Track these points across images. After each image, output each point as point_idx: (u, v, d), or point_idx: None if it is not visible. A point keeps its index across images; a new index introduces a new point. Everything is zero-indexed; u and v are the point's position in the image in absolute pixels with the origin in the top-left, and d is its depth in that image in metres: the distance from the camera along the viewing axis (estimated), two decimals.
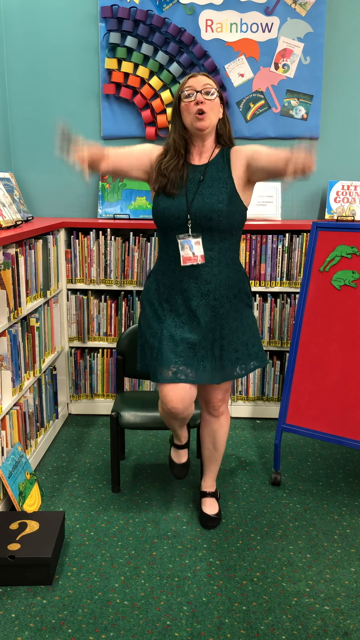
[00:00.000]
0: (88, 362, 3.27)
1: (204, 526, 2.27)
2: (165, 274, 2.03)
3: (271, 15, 3.16)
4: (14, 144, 3.39)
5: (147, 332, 2.07)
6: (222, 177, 1.96)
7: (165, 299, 2.03)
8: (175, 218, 1.94)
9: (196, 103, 1.89)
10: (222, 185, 1.95)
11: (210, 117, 1.91)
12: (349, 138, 3.33)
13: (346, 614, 1.84)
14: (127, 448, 2.96)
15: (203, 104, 1.88)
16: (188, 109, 1.91)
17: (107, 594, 1.91)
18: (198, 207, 1.93)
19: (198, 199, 1.93)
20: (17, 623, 1.79)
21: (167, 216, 1.95)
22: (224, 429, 2.26)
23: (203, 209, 1.92)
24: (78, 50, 3.26)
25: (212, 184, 1.95)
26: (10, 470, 2.28)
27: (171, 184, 1.95)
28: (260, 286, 3.16)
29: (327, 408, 2.47)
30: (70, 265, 3.17)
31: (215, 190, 1.94)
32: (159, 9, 3.17)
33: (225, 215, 1.93)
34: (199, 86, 1.90)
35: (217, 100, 1.93)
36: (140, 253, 3.14)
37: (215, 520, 2.29)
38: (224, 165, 1.98)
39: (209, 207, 1.92)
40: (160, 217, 1.98)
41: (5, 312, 2.27)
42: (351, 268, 2.46)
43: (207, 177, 1.96)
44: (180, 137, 1.97)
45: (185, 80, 1.94)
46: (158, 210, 1.98)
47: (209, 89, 1.90)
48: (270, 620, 1.81)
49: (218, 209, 1.92)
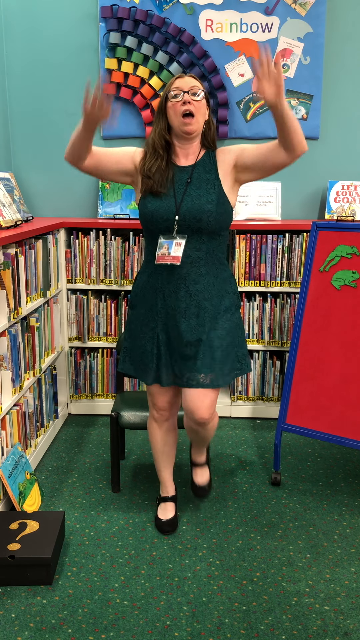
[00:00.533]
0: (88, 362, 3.27)
1: (195, 495, 2.31)
2: (152, 276, 2.02)
3: (271, 15, 3.16)
4: (14, 144, 3.39)
5: (141, 336, 2.06)
6: (209, 178, 1.96)
7: (155, 302, 2.02)
8: (164, 220, 1.94)
9: (183, 103, 1.89)
10: (210, 186, 1.95)
11: (197, 120, 1.91)
12: (349, 138, 3.33)
13: (346, 614, 1.84)
14: (127, 448, 2.96)
15: (190, 104, 1.88)
16: (175, 110, 1.91)
17: (107, 594, 1.91)
18: (187, 209, 1.92)
19: (187, 200, 1.93)
20: (17, 623, 1.79)
21: (156, 218, 1.94)
22: (210, 432, 2.12)
23: (192, 210, 1.92)
24: (78, 50, 3.26)
25: (200, 185, 1.95)
26: (10, 470, 2.28)
27: (157, 184, 1.94)
28: (260, 286, 3.16)
29: (327, 408, 2.47)
30: (70, 265, 3.17)
31: (203, 192, 1.94)
32: (159, 9, 3.17)
33: (214, 216, 1.93)
34: (186, 87, 1.90)
35: (204, 102, 1.94)
36: (140, 253, 3.14)
37: (205, 490, 2.30)
38: (210, 167, 1.98)
39: (198, 208, 1.92)
40: (148, 220, 1.97)
41: (5, 312, 2.27)
42: (351, 268, 2.46)
43: (195, 178, 1.96)
44: (160, 137, 1.95)
45: (172, 81, 1.94)
46: (146, 213, 1.96)
47: (196, 90, 1.90)
48: (270, 620, 1.81)
49: (207, 209, 1.92)
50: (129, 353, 2.14)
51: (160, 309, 2.01)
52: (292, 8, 3.15)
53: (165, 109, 1.95)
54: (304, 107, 3.27)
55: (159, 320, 2.02)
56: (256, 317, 3.19)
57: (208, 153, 2.01)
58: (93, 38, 3.25)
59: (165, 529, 2.24)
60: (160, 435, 2.22)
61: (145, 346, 2.05)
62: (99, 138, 3.35)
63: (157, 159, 1.95)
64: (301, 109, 3.27)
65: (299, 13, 3.16)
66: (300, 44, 3.19)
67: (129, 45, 3.18)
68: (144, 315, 2.06)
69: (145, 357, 2.06)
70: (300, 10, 3.15)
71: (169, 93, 1.92)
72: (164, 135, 1.96)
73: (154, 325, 2.03)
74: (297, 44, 3.20)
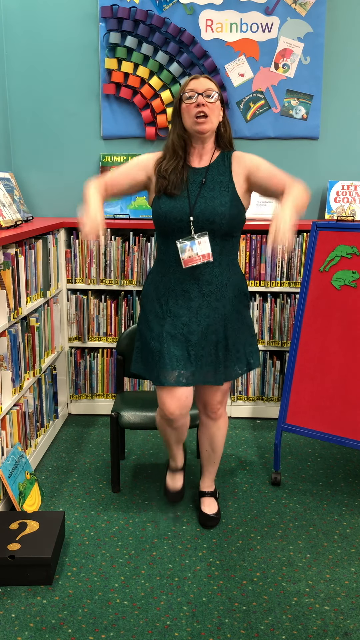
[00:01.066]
0: (88, 362, 3.27)
1: (203, 526, 2.27)
2: (165, 276, 2.03)
3: (271, 15, 3.16)
4: (14, 144, 3.39)
5: (148, 335, 2.06)
6: (223, 180, 1.97)
7: (166, 301, 2.02)
8: (178, 221, 1.94)
9: (197, 105, 1.89)
10: (223, 189, 1.96)
11: (211, 120, 1.91)
12: (349, 138, 3.33)
13: (346, 614, 1.84)
14: (127, 448, 2.96)
15: (205, 106, 1.89)
16: (189, 111, 1.91)
17: (107, 594, 1.91)
18: (201, 210, 1.93)
19: (200, 201, 1.93)
20: (17, 623, 1.79)
21: (170, 219, 1.95)
22: (221, 432, 2.26)
23: (206, 212, 1.93)
24: (78, 50, 3.26)
25: (214, 187, 1.95)
26: (10, 470, 2.28)
27: (172, 185, 1.95)
28: (260, 286, 3.16)
29: (327, 408, 2.47)
30: (70, 265, 3.17)
31: (217, 193, 1.94)
32: (159, 9, 3.17)
33: (227, 218, 1.94)
34: (200, 89, 1.90)
35: (218, 103, 1.94)
36: (140, 253, 3.14)
37: (215, 520, 2.29)
38: (225, 169, 1.99)
39: (211, 210, 1.92)
40: (162, 220, 1.97)
41: (5, 312, 2.27)
42: (351, 268, 2.46)
43: (209, 180, 1.96)
44: (179, 138, 1.96)
45: (187, 81, 1.94)
46: (160, 213, 1.97)
47: (211, 92, 1.90)
48: (270, 620, 1.81)
49: (221, 212, 1.93)
50: (140, 353, 2.13)
51: (171, 308, 2.01)
52: (292, 8, 3.15)
53: (180, 111, 1.95)
54: (304, 107, 3.27)
55: (169, 321, 2.01)
56: (256, 317, 3.19)
57: (223, 155, 2.01)
58: (93, 38, 3.25)
59: (173, 499, 2.30)
60: (169, 430, 2.16)
61: (155, 346, 2.04)
62: (99, 138, 3.35)
63: (175, 160, 1.96)
64: (301, 109, 3.27)
65: (299, 13, 3.16)
66: (300, 44, 3.19)
67: (129, 45, 3.18)
68: (155, 315, 2.05)
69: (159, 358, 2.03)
70: (300, 10, 3.15)
71: (183, 94, 1.92)
72: (182, 136, 1.96)
73: (164, 324, 2.02)
74: (297, 44, 3.19)
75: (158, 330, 2.03)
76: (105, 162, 3.34)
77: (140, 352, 2.13)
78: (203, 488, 2.38)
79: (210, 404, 2.19)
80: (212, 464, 2.34)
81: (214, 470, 2.36)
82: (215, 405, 2.18)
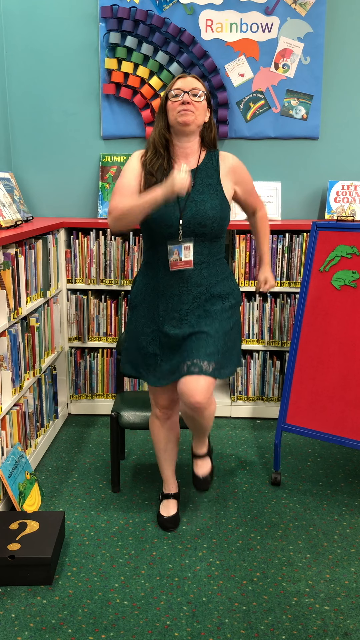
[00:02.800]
0: (88, 362, 3.27)
1: (196, 488, 2.20)
2: (154, 279, 2.03)
3: (271, 15, 3.16)
4: (14, 144, 3.39)
5: (142, 339, 2.07)
6: (211, 183, 1.97)
7: (156, 304, 2.03)
8: (168, 227, 1.93)
9: (182, 103, 1.89)
10: (212, 192, 1.96)
11: (195, 115, 1.90)
12: (349, 138, 3.33)
13: (346, 614, 1.84)
14: (127, 448, 2.96)
15: (190, 104, 1.89)
16: (174, 108, 1.91)
17: (107, 594, 1.91)
18: (192, 215, 1.92)
19: (190, 205, 1.93)
20: (17, 623, 1.79)
21: (160, 225, 1.93)
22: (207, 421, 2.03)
23: (197, 216, 1.92)
24: (78, 50, 3.26)
25: (203, 190, 1.95)
26: (10, 470, 2.28)
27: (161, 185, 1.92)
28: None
29: (327, 408, 2.47)
30: (70, 265, 3.17)
31: (206, 197, 1.94)
32: (159, 9, 3.17)
33: (218, 221, 1.94)
34: (187, 88, 1.90)
35: (204, 103, 1.94)
36: (140, 253, 3.14)
37: (207, 482, 2.19)
38: (213, 171, 1.99)
39: (202, 214, 1.92)
40: (152, 225, 1.95)
41: (5, 312, 2.27)
42: (351, 268, 2.46)
43: (197, 183, 1.96)
44: (161, 136, 1.96)
45: (174, 80, 1.94)
46: (149, 219, 1.94)
47: (197, 92, 1.91)
48: (270, 620, 1.81)
49: (212, 215, 1.93)
50: (128, 354, 2.15)
51: (161, 311, 2.02)
52: (292, 8, 3.15)
53: (166, 108, 1.95)
54: (304, 107, 3.27)
55: (160, 323, 2.02)
56: (256, 317, 3.19)
57: (209, 155, 2.01)
58: (93, 38, 3.25)
59: (167, 526, 2.25)
60: (162, 433, 2.23)
61: (146, 348, 2.06)
62: (99, 138, 3.35)
63: (158, 158, 1.95)
64: (301, 109, 3.27)
65: (299, 13, 3.16)
66: (300, 44, 3.19)
67: (129, 45, 3.18)
68: (144, 317, 2.06)
69: (147, 359, 2.07)
70: (300, 10, 3.15)
71: (169, 92, 1.93)
72: (164, 134, 1.96)
73: (155, 327, 2.04)
74: (297, 44, 3.19)
75: (147, 331, 2.05)
76: (105, 162, 3.34)
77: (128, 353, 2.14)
78: (194, 450, 2.19)
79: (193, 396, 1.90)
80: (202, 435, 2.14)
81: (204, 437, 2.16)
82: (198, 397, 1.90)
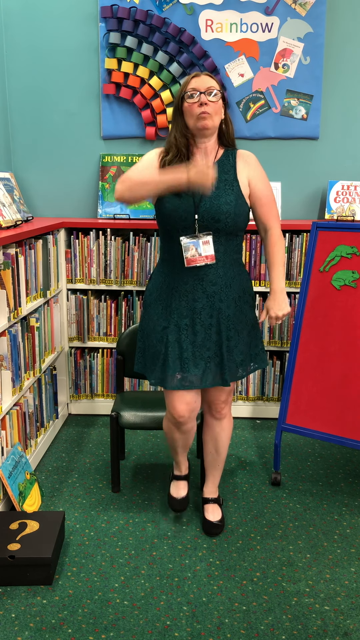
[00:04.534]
0: (88, 362, 3.27)
1: (207, 533, 2.22)
2: (169, 276, 2.01)
3: (271, 15, 3.16)
4: (14, 144, 3.39)
5: (153, 336, 2.04)
6: (227, 179, 1.96)
7: (169, 301, 2.01)
8: (183, 219, 1.92)
9: (200, 104, 1.87)
10: (228, 187, 1.95)
11: (213, 118, 1.90)
12: (349, 138, 3.33)
13: (346, 614, 1.84)
14: (127, 448, 2.96)
15: (207, 105, 1.87)
16: (191, 110, 1.89)
17: (107, 594, 1.91)
18: (206, 209, 1.91)
19: (205, 200, 1.92)
20: (17, 623, 1.79)
21: (174, 218, 1.93)
22: (226, 432, 2.22)
23: (211, 210, 1.91)
24: (78, 50, 3.26)
25: (219, 185, 1.94)
26: (10, 470, 2.28)
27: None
28: (260, 286, 3.16)
29: (327, 408, 2.47)
30: (70, 265, 3.17)
31: (222, 192, 1.93)
32: (159, 9, 3.17)
33: (232, 216, 1.93)
34: (202, 87, 1.88)
35: (220, 102, 1.92)
36: (140, 253, 3.14)
37: (219, 527, 2.23)
38: (229, 167, 1.98)
39: (216, 209, 1.91)
40: (166, 219, 1.95)
41: (5, 312, 2.27)
42: (351, 268, 2.46)
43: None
44: (182, 136, 1.94)
45: (188, 80, 1.92)
46: (164, 212, 1.95)
47: (212, 90, 1.89)
48: (270, 620, 1.81)
49: (226, 210, 1.91)
50: (142, 354, 2.12)
51: (174, 309, 1.99)
52: (292, 8, 3.15)
53: (181, 109, 1.93)
54: (304, 107, 3.27)
55: (172, 321, 2.00)
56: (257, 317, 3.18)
57: (227, 153, 2.00)
58: (93, 38, 3.25)
59: (177, 507, 2.27)
60: (177, 435, 2.18)
61: (160, 349, 2.02)
62: (99, 138, 3.35)
63: (179, 157, 1.94)
64: (301, 109, 3.27)
65: (299, 13, 3.16)
66: (300, 44, 3.19)
67: (129, 45, 3.18)
68: (158, 315, 2.04)
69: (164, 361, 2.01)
70: (300, 10, 3.15)
71: (185, 93, 1.90)
72: (185, 135, 1.94)
73: (167, 325, 2.00)
74: (297, 44, 3.19)
75: (162, 332, 2.02)
76: (105, 162, 3.34)
77: (143, 352, 2.12)
78: (206, 494, 2.32)
79: (214, 403, 2.16)
80: (216, 467, 2.29)
81: (218, 474, 2.31)
82: (219, 404, 2.16)
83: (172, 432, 2.17)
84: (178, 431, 2.14)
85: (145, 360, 2.11)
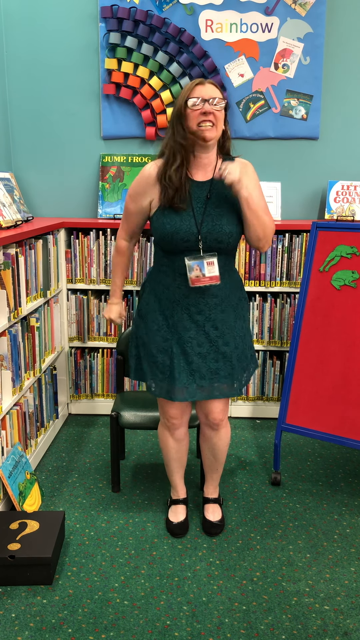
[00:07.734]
0: (88, 362, 3.27)
1: (207, 533, 2.23)
2: (168, 289, 1.98)
3: (271, 15, 3.16)
4: (14, 144, 3.39)
5: (152, 346, 2.02)
6: (228, 195, 1.89)
7: (171, 314, 1.98)
8: (185, 241, 1.88)
9: (203, 113, 1.81)
10: (229, 205, 1.89)
11: (216, 128, 1.84)
12: (349, 138, 3.33)
13: (346, 614, 1.84)
14: (127, 448, 2.96)
15: (212, 114, 1.81)
16: (194, 118, 1.82)
17: (107, 594, 1.91)
18: (208, 230, 1.87)
19: (207, 220, 1.87)
20: (17, 623, 1.79)
21: (176, 240, 1.87)
22: (224, 441, 2.20)
23: (213, 232, 1.87)
24: (78, 50, 3.26)
25: (220, 204, 1.89)
26: (10, 470, 2.28)
27: (178, 198, 1.86)
28: (260, 286, 3.16)
29: (327, 408, 2.47)
30: (70, 265, 3.17)
31: (224, 210, 1.88)
32: (159, 9, 3.17)
33: (234, 236, 1.90)
34: (206, 95, 1.81)
35: (223, 112, 1.86)
36: (140, 253, 3.14)
37: (219, 527, 2.24)
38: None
39: (219, 230, 1.87)
40: (168, 241, 1.89)
41: (5, 312, 2.27)
42: (351, 268, 2.46)
43: (214, 196, 1.90)
44: (177, 143, 1.86)
45: (192, 87, 1.84)
46: (165, 233, 1.89)
47: (217, 100, 1.82)
48: (270, 620, 1.81)
49: (229, 231, 1.88)
50: (138, 361, 2.09)
51: (177, 322, 1.97)
52: (292, 8, 3.15)
53: (182, 115, 1.85)
54: (304, 107, 3.27)
55: (176, 334, 1.98)
56: (256, 317, 3.19)
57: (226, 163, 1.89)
58: (93, 38, 3.25)
59: (177, 532, 2.22)
60: (172, 443, 2.20)
61: (157, 357, 2.01)
62: (99, 138, 3.35)
63: (176, 168, 1.86)
64: (301, 109, 3.27)
65: (299, 13, 3.16)
66: (300, 44, 3.20)
67: (129, 45, 3.18)
68: (158, 326, 2.00)
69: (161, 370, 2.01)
70: (300, 10, 3.15)
71: (188, 100, 1.82)
72: (180, 142, 1.86)
73: (169, 336, 1.99)
74: (297, 44, 3.20)
75: (164, 343, 2.00)
76: (105, 162, 3.34)
77: (139, 360, 2.09)
78: (206, 494, 2.33)
79: (212, 412, 2.11)
80: (215, 471, 2.29)
81: (217, 477, 2.31)
82: (217, 413, 2.11)
83: (167, 439, 2.19)
84: (172, 437, 2.18)
85: (143, 369, 2.07)
